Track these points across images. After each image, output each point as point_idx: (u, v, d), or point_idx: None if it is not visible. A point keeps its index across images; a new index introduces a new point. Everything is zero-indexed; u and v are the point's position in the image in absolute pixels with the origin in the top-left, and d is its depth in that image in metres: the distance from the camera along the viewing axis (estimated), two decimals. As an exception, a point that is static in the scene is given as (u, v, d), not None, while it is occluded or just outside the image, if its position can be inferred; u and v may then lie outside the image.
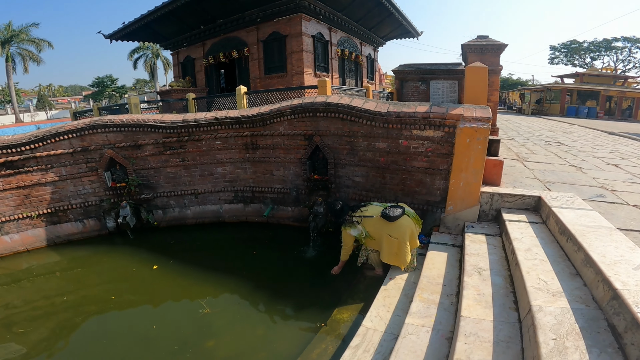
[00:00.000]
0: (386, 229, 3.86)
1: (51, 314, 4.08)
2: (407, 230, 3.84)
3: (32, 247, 5.63)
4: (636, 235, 3.03)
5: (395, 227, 3.83)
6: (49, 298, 4.44)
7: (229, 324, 3.71)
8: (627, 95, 26.83)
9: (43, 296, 4.52)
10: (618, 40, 42.91)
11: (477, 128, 4.17)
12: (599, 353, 1.79)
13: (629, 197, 4.22)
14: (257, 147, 6.20)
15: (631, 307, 1.83)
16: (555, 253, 2.91)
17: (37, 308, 4.24)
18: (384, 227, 3.88)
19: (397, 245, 3.79)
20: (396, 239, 3.79)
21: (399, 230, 3.81)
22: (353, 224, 4.03)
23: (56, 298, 4.40)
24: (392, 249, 3.82)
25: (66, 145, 5.68)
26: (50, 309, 4.20)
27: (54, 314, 4.08)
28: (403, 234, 3.79)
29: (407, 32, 16.18)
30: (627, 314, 1.84)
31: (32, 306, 4.29)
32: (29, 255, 5.53)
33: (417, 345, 2.54)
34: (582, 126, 15.48)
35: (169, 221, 6.35)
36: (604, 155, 7.43)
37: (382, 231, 3.88)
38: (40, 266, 5.28)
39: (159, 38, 14.50)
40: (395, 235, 3.80)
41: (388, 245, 3.85)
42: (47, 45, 36.68)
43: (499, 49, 7.91)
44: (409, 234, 3.84)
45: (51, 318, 4.00)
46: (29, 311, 4.17)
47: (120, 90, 51.59)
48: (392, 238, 3.81)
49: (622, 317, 1.89)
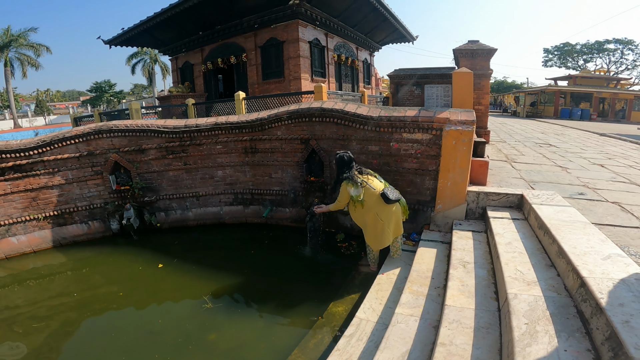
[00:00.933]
0: (376, 208, 4.01)
1: (59, 312, 4.25)
2: (394, 217, 4.06)
3: (38, 249, 5.81)
4: (610, 229, 3.26)
5: (386, 209, 4.01)
6: (56, 297, 4.62)
7: (230, 318, 3.90)
8: (619, 96, 27.18)
9: (50, 295, 4.69)
10: (610, 42, 43.34)
11: (462, 130, 4.41)
12: (567, 337, 1.94)
13: (609, 194, 4.46)
14: (256, 151, 6.41)
15: (595, 293, 2.01)
16: (533, 246, 3.14)
17: (44, 307, 4.41)
18: (376, 205, 4.01)
19: (380, 227, 3.99)
20: (381, 221, 3.99)
21: (388, 214, 4.01)
22: (356, 184, 4.03)
23: (63, 297, 4.59)
24: (377, 230, 4.02)
25: (72, 150, 5.89)
26: (57, 307, 4.38)
27: (61, 312, 4.25)
28: (389, 218, 4.01)
29: (402, 37, 16.48)
30: (592, 301, 2.02)
31: (39, 305, 4.46)
32: (35, 256, 5.71)
33: (406, 332, 2.75)
34: (574, 128, 15.79)
35: (171, 223, 6.55)
36: (591, 155, 7.69)
37: (373, 208, 4.01)
38: (46, 266, 5.46)
39: (158, 44, 14.72)
40: (382, 217, 3.99)
41: (373, 225, 4.03)
42: (45, 50, 36.71)
43: (488, 53, 8.19)
44: (394, 220, 4.06)
45: (59, 315, 4.17)
46: (36, 310, 4.33)
47: (118, 96, 51.72)
48: (379, 219, 3.99)
49: (589, 304, 2.06)
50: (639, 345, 1.57)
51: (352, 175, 4.09)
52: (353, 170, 4.15)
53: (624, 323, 1.72)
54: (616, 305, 1.87)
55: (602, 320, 1.86)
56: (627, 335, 1.64)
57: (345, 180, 4.10)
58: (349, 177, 4.09)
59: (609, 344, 1.73)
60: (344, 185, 4.10)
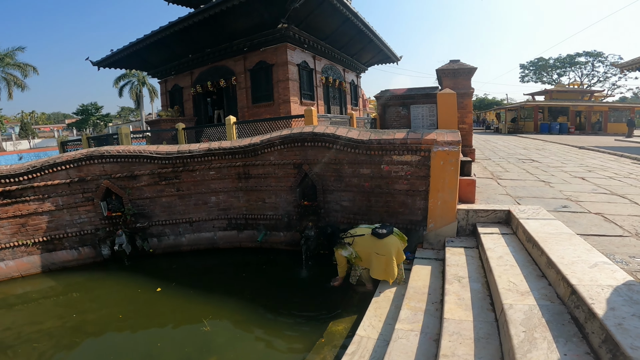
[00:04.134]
0: (374, 248, 4.21)
1: (52, 336, 4.18)
2: (393, 248, 4.19)
3: (27, 274, 5.73)
4: (595, 239, 3.42)
5: (382, 245, 4.18)
6: (49, 320, 4.56)
7: (229, 341, 3.87)
8: (594, 109, 28.33)
9: (41, 319, 4.61)
10: (581, 55, 45.37)
11: (449, 151, 4.61)
12: (565, 342, 2.03)
13: (591, 206, 4.67)
14: (249, 176, 6.45)
15: (587, 300, 2.12)
16: (523, 259, 3.27)
17: (36, 330, 4.32)
18: (372, 245, 4.23)
19: (384, 261, 4.12)
20: (383, 256, 4.12)
21: (385, 248, 4.16)
22: (344, 246, 4.43)
23: (56, 320, 4.54)
24: (381, 265, 4.15)
25: (63, 176, 5.86)
26: (50, 331, 4.30)
27: (54, 336, 4.17)
28: (389, 251, 4.13)
29: (387, 58, 17.03)
30: (585, 307, 2.12)
31: (30, 329, 4.37)
32: (23, 281, 5.64)
33: (407, 347, 2.80)
34: (554, 142, 16.41)
35: (164, 248, 6.49)
36: (572, 169, 8.02)
37: (371, 250, 4.23)
38: (35, 291, 5.40)
39: (147, 66, 14.71)
40: (382, 253, 4.13)
41: (377, 263, 4.18)
42: (32, 70, 35.01)
43: (469, 72, 8.56)
44: (394, 251, 4.19)
45: (52, 339, 4.09)
46: (27, 334, 4.24)
47: (104, 119, 51.09)
48: (380, 255, 4.14)
49: (581, 310, 2.16)
50: (635, 345, 1.66)
51: (338, 241, 4.54)
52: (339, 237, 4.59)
53: (617, 326, 1.83)
54: (608, 310, 1.98)
55: (597, 325, 1.94)
56: (622, 337, 1.74)
57: (335, 248, 4.57)
58: (336, 243, 4.59)
59: (606, 346, 1.81)
60: (336, 251, 4.55)
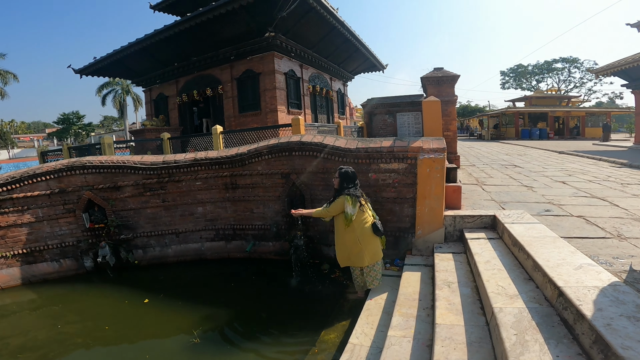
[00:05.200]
0: (360, 232, 4.05)
1: (36, 348, 4.04)
2: (372, 244, 4.10)
3: (6, 286, 5.57)
4: (578, 241, 3.51)
5: (367, 236, 4.07)
6: (29, 333, 4.42)
7: (219, 352, 3.78)
8: (572, 114, 29.39)
9: (21, 331, 4.48)
10: (557, 62, 47.01)
11: (434, 158, 4.68)
12: (556, 344, 2.06)
13: (573, 209, 4.81)
14: (236, 186, 6.37)
15: (574, 301, 2.17)
16: (510, 262, 3.33)
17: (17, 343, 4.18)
18: (361, 230, 4.06)
19: (357, 249, 4.04)
20: (360, 245, 4.04)
21: (367, 241, 4.07)
22: (356, 202, 4.00)
23: (37, 332, 4.41)
24: (352, 251, 4.06)
25: (43, 187, 5.69)
26: (35, 343, 4.17)
27: (39, 348, 4.04)
28: (367, 244, 4.06)
29: (373, 66, 17.28)
30: (573, 308, 2.16)
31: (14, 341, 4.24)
32: (2, 293, 5.47)
33: (400, 353, 2.80)
34: (535, 148, 16.90)
35: (149, 260, 6.33)
36: (553, 173, 8.27)
37: (356, 231, 4.04)
38: (15, 303, 5.25)
39: (131, 74, 14.47)
40: (362, 242, 4.04)
41: (350, 246, 4.07)
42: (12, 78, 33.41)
43: (453, 80, 8.76)
44: (372, 247, 4.10)
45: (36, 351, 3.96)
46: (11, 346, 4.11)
47: (87, 128, 49.85)
48: (358, 242, 4.04)
49: (570, 311, 2.20)
50: (626, 345, 1.70)
51: (356, 193, 4.06)
52: (358, 189, 4.15)
53: (606, 326, 1.87)
54: (596, 311, 2.03)
55: (586, 326, 1.97)
56: (612, 337, 1.78)
57: (347, 195, 4.01)
58: (352, 193, 4.03)
59: (597, 346, 1.84)
60: (342, 199, 4.01)
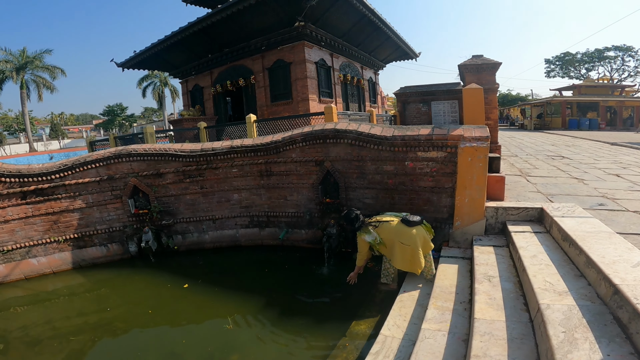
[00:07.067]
0: (399, 236, 4.04)
1: (80, 331, 4.30)
2: (419, 238, 4.03)
3: (58, 270, 5.95)
4: (635, 238, 3.23)
5: (409, 234, 4.02)
6: (77, 316, 4.71)
7: (251, 339, 3.88)
8: (626, 104, 27.01)
9: (70, 315, 4.78)
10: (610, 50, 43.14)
11: (477, 147, 4.45)
12: (607, 343, 1.94)
13: (629, 204, 4.42)
14: (271, 173, 6.46)
15: (631, 299, 2.02)
16: (559, 258, 3.12)
17: (65, 326, 4.47)
18: (398, 233, 4.06)
19: (409, 252, 3.98)
20: (408, 246, 3.98)
21: (412, 238, 4.00)
22: (368, 230, 4.23)
23: (85, 316, 4.68)
24: (405, 255, 4.01)
25: (93, 174, 6.05)
26: (79, 326, 4.44)
27: (82, 331, 4.29)
28: (415, 241, 3.98)
29: (405, 54, 16.75)
30: (629, 307, 2.02)
31: (59, 324, 4.52)
32: (54, 277, 5.85)
33: (435, 347, 2.72)
34: (584, 138, 15.71)
35: (188, 245, 6.60)
36: (606, 166, 7.63)
37: (395, 238, 4.06)
38: (66, 287, 5.58)
39: (169, 67, 15.09)
40: (407, 243, 3.99)
41: (401, 252, 4.02)
42: (60, 73, 36.28)
43: (494, 68, 8.25)
44: (421, 241, 4.03)
45: (80, 335, 4.22)
46: (56, 329, 4.39)
47: (129, 119, 52.77)
48: (405, 245, 3.99)
49: (625, 310, 2.06)
50: None
51: (362, 224, 4.33)
52: (361, 219, 4.38)
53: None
54: (654, 310, 1.85)
55: (642, 324, 1.83)
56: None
57: (357, 231, 4.33)
58: (359, 226, 4.33)
59: (652, 346, 1.70)
60: (359, 236, 4.31)
